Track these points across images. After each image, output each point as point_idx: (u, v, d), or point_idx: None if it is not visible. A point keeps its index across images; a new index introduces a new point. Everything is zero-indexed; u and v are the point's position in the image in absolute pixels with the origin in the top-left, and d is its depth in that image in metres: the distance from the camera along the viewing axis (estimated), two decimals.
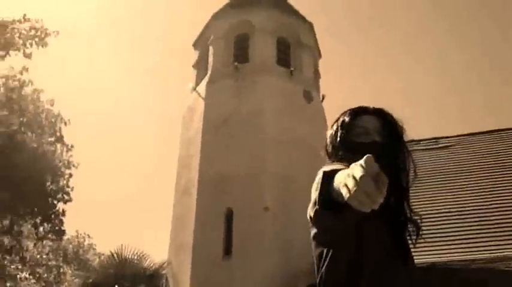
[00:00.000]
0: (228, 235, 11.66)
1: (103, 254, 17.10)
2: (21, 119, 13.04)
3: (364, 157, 1.33)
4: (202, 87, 14.23)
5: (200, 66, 15.31)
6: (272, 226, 11.64)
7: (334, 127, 2.34)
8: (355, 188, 1.29)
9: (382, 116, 2.33)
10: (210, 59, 14.66)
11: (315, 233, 2.02)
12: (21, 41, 12.60)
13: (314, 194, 1.89)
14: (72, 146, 14.57)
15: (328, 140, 2.29)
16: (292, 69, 14.04)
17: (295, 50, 14.80)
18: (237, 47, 14.53)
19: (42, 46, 12.87)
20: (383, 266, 1.86)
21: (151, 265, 12.81)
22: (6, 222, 13.59)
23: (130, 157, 46.33)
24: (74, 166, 14.63)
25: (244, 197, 11.88)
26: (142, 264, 12.84)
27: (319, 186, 1.72)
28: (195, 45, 16.09)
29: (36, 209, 13.26)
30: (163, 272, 12.64)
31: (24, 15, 12.79)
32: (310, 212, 1.86)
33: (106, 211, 40.48)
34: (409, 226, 2.11)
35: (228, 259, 11.39)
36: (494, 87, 41.39)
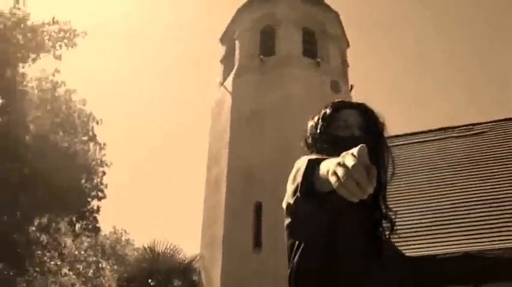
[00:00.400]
0: (257, 227, 11.69)
1: (140, 249, 17.41)
2: (54, 119, 13.36)
3: (357, 147, 1.31)
4: (229, 81, 14.28)
5: (227, 61, 15.36)
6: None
7: (316, 119, 2.32)
8: (345, 177, 1.27)
9: (363, 111, 2.31)
10: (237, 53, 14.69)
11: (290, 223, 2.00)
12: (50, 43, 12.89)
13: (292, 184, 1.88)
14: (104, 145, 14.85)
15: (309, 131, 2.27)
16: (318, 59, 13.93)
17: (321, 40, 14.68)
18: (262, 40, 14.51)
19: (71, 47, 13.15)
20: (354, 260, 1.83)
21: (184, 258, 12.98)
22: (44, 220, 13.96)
23: (161, 153, 46.93)
24: (106, 164, 14.90)
25: (273, 190, 11.84)
26: (176, 258, 13.03)
27: (301, 174, 1.70)
28: (222, 40, 16.15)
29: (71, 207, 13.57)
30: (196, 265, 12.79)
31: (53, 18, 13.08)
32: (290, 200, 1.83)
33: (140, 207, 41.16)
34: (384, 221, 2.09)
35: (258, 251, 11.43)
36: None
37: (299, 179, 1.72)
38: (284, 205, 2.01)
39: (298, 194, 1.68)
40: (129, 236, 22.15)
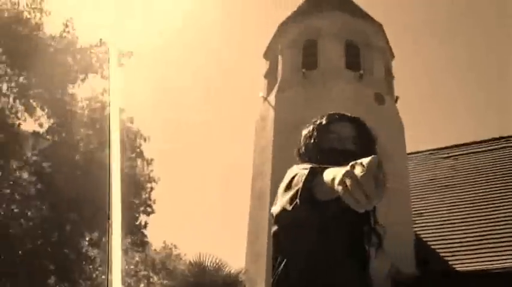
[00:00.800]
0: None
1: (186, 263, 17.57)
2: (102, 138, 13.75)
3: (369, 157, 1.33)
4: (272, 96, 14.30)
5: (271, 75, 15.39)
6: None
7: (310, 129, 2.34)
8: (353, 186, 1.27)
9: (357, 125, 2.34)
10: (279, 68, 14.71)
11: (279, 230, 2.00)
12: (98, 64, 13.31)
13: (285, 191, 1.89)
14: (152, 160, 15.16)
15: (302, 141, 2.30)
16: (361, 72, 13.75)
17: (364, 52, 14.49)
18: (305, 54, 14.46)
19: (118, 67, 13.52)
20: (336, 272, 1.82)
21: (230, 272, 12.98)
22: (95, 234, 14.33)
23: (207, 167, 47.41)
24: (154, 180, 15.20)
25: None
26: (221, 272, 13.04)
27: (302, 180, 1.69)
28: (266, 55, 16.22)
29: (121, 222, 13.86)
30: (241, 279, 12.77)
31: (100, 39, 13.52)
32: (287, 206, 1.82)
33: (187, 221, 41.64)
34: (372, 236, 2.10)
35: None
36: None
37: (299, 185, 1.70)
38: (275, 212, 2.02)
39: (297, 200, 1.67)
40: (179, 251, 22.48)
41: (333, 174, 1.43)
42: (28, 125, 13.27)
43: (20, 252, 10.85)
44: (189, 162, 47.19)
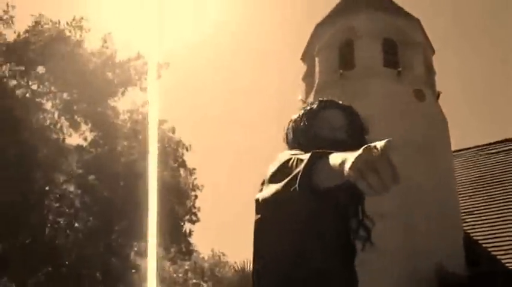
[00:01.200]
0: None
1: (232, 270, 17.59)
2: (145, 148, 13.98)
3: (384, 141, 1.25)
4: (310, 99, 14.14)
5: (309, 78, 15.26)
6: (389, 233, 11.11)
7: (300, 114, 2.25)
8: (367, 170, 1.20)
9: (348, 113, 2.23)
10: (316, 70, 14.55)
11: (264, 218, 1.90)
12: (137, 77, 13.57)
13: (275, 176, 1.80)
14: (194, 170, 15.28)
15: (291, 125, 2.19)
16: (399, 69, 13.43)
17: (402, 49, 14.14)
18: (342, 55, 14.25)
19: (156, 79, 13.75)
20: (323, 264, 1.79)
21: None
22: (142, 244, 14.56)
23: (249, 173, 47.40)
24: (198, 188, 15.30)
25: None
26: None
27: (304, 166, 1.59)
28: (303, 58, 16.10)
29: (165, 232, 14.04)
30: None
31: (138, 52, 13.78)
32: (284, 190, 1.71)
33: (233, 228, 41.71)
34: (360, 230, 2.04)
35: None
36: None
37: (299, 169, 1.60)
38: (263, 197, 1.92)
39: (296, 186, 1.58)
40: (227, 258, 22.52)
41: (341, 158, 1.35)
42: (73, 139, 13.66)
43: (66, 262, 11.15)
44: (232, 168, 47.41)
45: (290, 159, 1.72)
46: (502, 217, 13.40)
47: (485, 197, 14.42)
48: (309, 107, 2.17)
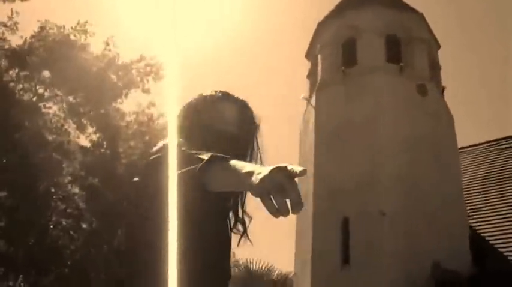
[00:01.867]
0: (345, 244, 11.24)
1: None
2: (149, 149, 14.02)
3: (300, 167, 1.24)
4: (313, 97, 14.02)
5: (312, 76, 15.13)
6: (391, 232, 10.96)
7: (193, 104, 2.19)
8: (277, 194, 1.19)
9: (243, 108, 2.18)
10: (319, 67, 14.43)
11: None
12: (139, 79, 13.62)
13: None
14: None
15: (183, 115, 2.14)
16: (401, 64, 13.21)
17: (406, 45, 13.93)
18: (344, 52, 14.10)
19: (159, 80, 13.79)
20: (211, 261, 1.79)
21: (278, 277, 12.84)
22: None
23: None
24: None
25: (360, 204, 11.39)
26: (271, 276, 12.93)
27: (198, 168, 1.51)
28: (307, 55, 15.97)
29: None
30: (290, 284, 12.59)
31: (141, 55, 13.84)
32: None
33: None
34: (238, 224, 2.02)
35: (347, 269, 10.95)
36: None
37: (194, 167, 1.52)
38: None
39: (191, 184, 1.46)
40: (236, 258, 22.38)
41: (250, 168, 1.31)
42: (80, 141, 13.79)
43: (68, 262, 11.25)
44: None
45: (186, 152, 1.66)
46: (511, 214, 13.09)
47: (495, 193, 14.10)
48: (202, 99, 2.12)
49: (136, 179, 1.81)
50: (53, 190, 12.57)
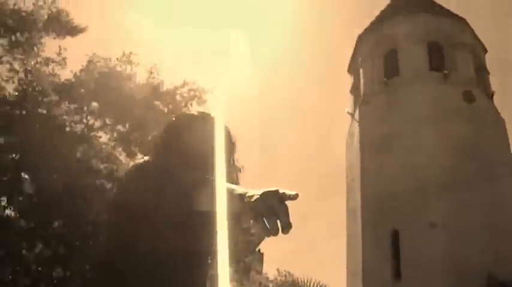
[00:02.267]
0: (396, 257, 10.99)
1: None
2: None
3: (292, 192, 1.31)
4: (357, 111, 13.92)
5: (355, 90, 15.01)
6: (443, 243, 10.62)
7: (169, 126, 2.29)
8: (272, 218, 1.27)
9: (218, 127, 2.25)
10: (361, 81, 14.33)
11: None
12: (183, 103, 13.96)
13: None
14: None
15: (159, 137, 2.24)
16: (445, 72, 12.93)
17: (449, 51, 13.64)
18: (386, 63, 13.97)
19: (202, 104, 14.08)
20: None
21: None
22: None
23: (302, 188, 46.39)
24: None
25: (409, 215, 11.15)
26: None
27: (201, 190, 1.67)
28: (349, 70, 15.88)
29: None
30: None
31: (184, 80, 14.20)
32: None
33: (292, 245, 40.91)
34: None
35: (398, 282, 10.68)
36: None
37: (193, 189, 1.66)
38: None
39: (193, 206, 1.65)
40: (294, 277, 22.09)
41: (243, 190, 1.40)
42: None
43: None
44: (285, 184, 46.70)
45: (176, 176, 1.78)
46: None
47: None
48: (176, 119, 2.20)
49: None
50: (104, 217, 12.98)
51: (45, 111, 12.56)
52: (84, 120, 14.67)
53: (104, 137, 14.70)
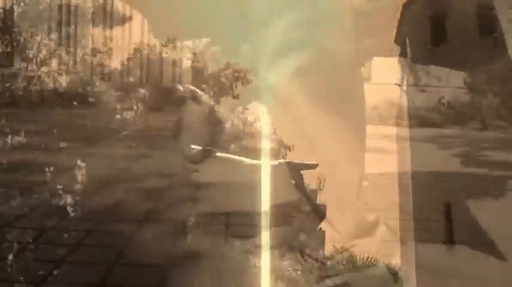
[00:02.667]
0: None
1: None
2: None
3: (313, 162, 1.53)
4: (404, 80, 13.61)
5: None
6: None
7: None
8: None
9: (211, 110, 2.41)
10: (408, 50, 13.95)
11: None
12: (228, 84, 14.13)
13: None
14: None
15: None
16: (496, 35, 12.38)
17: (501, 11, 13.02)
18: (433, 30, 13.51)
19: (247, 84, 14.20)
20: None
21: (384, 270, 12.57)
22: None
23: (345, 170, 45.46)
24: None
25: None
26: (375, 270, 12.70)
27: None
28: (396, 40, 15.45)
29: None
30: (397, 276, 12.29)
31: (227, 62, 14.36)
32: None
33: None
34: None
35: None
36: None
37: None
38: None
39: None
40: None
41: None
42: None
43: None
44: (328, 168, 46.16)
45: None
46: None
47: None
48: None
49: None
50: None
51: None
52: (135, 107, 15.15)
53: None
